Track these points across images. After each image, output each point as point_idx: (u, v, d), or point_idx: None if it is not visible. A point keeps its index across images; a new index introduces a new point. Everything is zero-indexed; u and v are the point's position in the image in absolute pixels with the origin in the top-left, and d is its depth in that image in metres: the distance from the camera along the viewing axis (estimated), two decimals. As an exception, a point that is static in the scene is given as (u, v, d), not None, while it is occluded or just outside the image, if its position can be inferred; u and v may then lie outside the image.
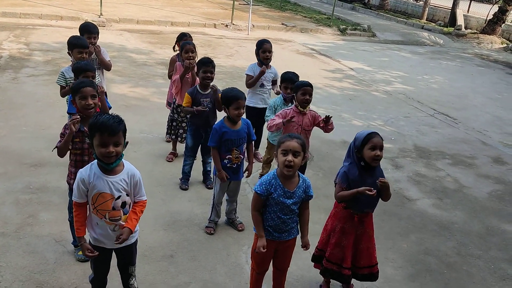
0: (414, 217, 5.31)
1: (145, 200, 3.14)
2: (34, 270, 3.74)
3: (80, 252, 3.93)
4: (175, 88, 5.67)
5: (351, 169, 3.47)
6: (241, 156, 4.45)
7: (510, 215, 5.62)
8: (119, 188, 2.95)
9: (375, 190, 3.32)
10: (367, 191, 3.28)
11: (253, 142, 4.64)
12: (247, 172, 4.55)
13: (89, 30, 5.44)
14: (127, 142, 2.96)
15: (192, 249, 4.27)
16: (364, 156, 3.39)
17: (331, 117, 4.64)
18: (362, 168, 3.44)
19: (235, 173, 4.48)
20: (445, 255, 4.66)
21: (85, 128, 3.54)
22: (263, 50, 5.85)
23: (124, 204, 3.00)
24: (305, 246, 3.40)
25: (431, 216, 5.38)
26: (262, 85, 5.96)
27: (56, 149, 3.50)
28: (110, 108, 4.41)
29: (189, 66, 5.41)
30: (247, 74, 5.97)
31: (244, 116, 4.48)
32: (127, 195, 3.00)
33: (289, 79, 5.16)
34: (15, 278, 3.63)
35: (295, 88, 4.72)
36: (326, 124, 4.67)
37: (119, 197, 2.95)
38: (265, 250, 3.23)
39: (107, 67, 5.62)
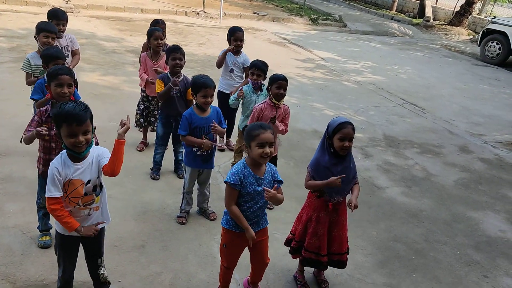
0: (383, 205, 5.41)
1: None
2: (0, 262, 3.65)
3: (42, 238, 3.89)
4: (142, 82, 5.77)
5: (321, 156, 3.53)
6: (212, 144, 4.43)
7: (475, 202, 5.79)
8: (87, 172, 2.89)
9: (340, 181, 3.39)
10: (336, 181, 3.36)
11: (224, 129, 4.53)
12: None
13: (57, 16, 5.30)
14: (95, 127, 2.89)
15: (164, 239, 4.24)
16: (334, 145, 3.44)
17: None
18: (332, 155, 3.48)
19: (206, 162, 4.43)
20: (413, 242, 4.76)
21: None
22: (235, 38, 5.91)
23: (95, 187, 2.95)
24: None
25: (400, 204, 5.49)
26: (231, 70, 6.01)
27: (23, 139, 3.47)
28: (79, 99, 4.30)
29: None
30: (218, 56, 6.12)
31: (216, 101, 4.40)
32: (98, 177, 2.94)
33: (254, 65, 5.18)
34: (-20, 270, 3.53)
35: (270, 81, 4.70)
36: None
37: (89, 181, 2.90)
38: (255, 239, 3.20)
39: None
